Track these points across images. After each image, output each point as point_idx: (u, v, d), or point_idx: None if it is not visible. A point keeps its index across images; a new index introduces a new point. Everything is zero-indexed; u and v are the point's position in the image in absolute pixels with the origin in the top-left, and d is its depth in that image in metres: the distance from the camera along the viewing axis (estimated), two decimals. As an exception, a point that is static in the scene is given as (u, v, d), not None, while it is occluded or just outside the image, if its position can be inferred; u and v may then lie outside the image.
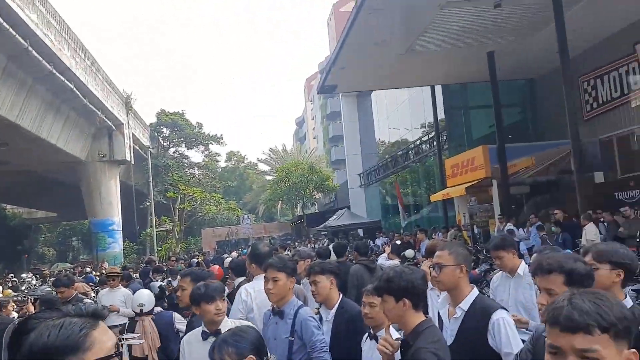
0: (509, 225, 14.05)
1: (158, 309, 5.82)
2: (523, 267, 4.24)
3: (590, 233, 10.99)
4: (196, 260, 17.97)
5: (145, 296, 5.60)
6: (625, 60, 15.03)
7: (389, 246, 9.55)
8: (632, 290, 6.67)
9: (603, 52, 15.80)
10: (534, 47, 15.41)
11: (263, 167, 54.67)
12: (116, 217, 34.57)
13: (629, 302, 2.51)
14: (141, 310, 5.46)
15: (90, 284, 13.05)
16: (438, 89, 21.49)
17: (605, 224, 11.42)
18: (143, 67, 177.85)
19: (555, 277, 2.35)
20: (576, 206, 12.68)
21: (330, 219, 31.58)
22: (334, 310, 3.77)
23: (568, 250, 8.13)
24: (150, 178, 36.82)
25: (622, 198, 12.70)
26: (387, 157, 31.72)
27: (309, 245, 25.96)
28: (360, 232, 30.33)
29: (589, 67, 16.37)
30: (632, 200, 12.36)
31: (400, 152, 28.72)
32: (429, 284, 3.13)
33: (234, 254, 19.76)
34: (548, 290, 2.34)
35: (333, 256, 7.72)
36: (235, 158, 65.53)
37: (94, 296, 10.44)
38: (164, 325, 5.41)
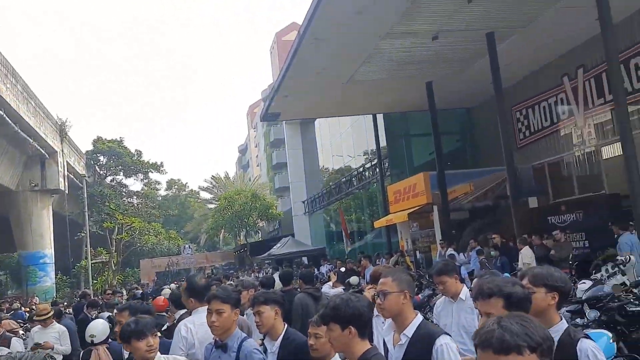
0: (450, 250, 14.34)
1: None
2: (465, 292, 4.30)
3: (527, 256, 11.38)
4: (140, 292, 17.34)
5: (100, 326, 5.33)
6: (554, 91, 15.87)
7: (334, 274, 9.51)
8: (566, 311, 6.90)
9: (534, 83, 16.65)
10: (470, 77, 16.04)
11: (205, 195, 53.84)
12: (48, 249, 32.92)
13: (563, 324, 2.58)
14: (92, 341, 5.19)
15: (19, 320, 12.26)
16: (380, 117, 21.96)
17: (534, 247, 11.84)
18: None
19: (495, 301, 2.41)
20: (512, 230, 13.12)
21: (274, 247, 31.28)
22: (278, 341, 3.66)
23: (507, 274, 8.38)
24: (86, 208, 35.39)
25: (554, 222, 13.23)
26: (330, 184, 31.94)
27: (252, 274, 25.58)
28: (305, 259, 30.16)
29: (521, 97, 17.19)
30: (564, 224, 12.89)
31: (344, 179, 29.00)
32: (374, 311, 3.11)
33: (173, 285, 19.17)
34: (488, 314, 2.39)
35: (278, 285, 7.60)
36: (176, 186, 64.24)
37: (22, 334, 9.80)
38: (115, 356, 5.17)
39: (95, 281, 36.18)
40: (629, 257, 9.27)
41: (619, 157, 11.98)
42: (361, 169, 26.42)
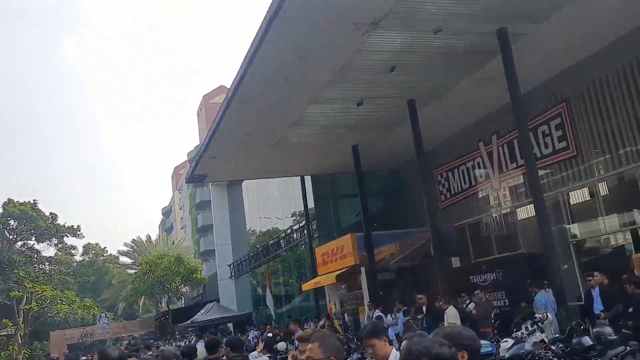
0: (377, 312, 14.33)
1: None
2: (394, 354, 4.24)
3: (452, 316, 11.54)
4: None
5: None
6: (471, 155, 16.77)
7: (262, 341, 9.20)
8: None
9: (453, 147, 17.53)
10: (394, 141, 16.68)
11: (125, 260, 51.38)
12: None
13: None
14: None
15: None
16: (308, 179, 22.18)
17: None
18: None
19: (424, 363, 2.40)
20: (437, 290, 13.37)
21: (198, 313, 30.04)
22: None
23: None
24: (-9, 275, 32.67)
25: (476, 281, 13.63)
26: (258, 246, 31.47)
27: (174, 343, 24.30)
28: (231, 325, 29.10)
29: (442, 160, 18.01)
30: (485, 283, 13.31)
31: (272, 241, 28.70)
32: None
33: (84, 358, 17.82)
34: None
35: (202, 353, 7.23)
36: (93, 251, 60.86)
37: None
38: None
39: (-3, 357, 32.96)
40: (547, 315, 9.64)
41: (532, 218, 12.69)
42: (289, 231, 26.29)
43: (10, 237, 44.51)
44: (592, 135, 12.72)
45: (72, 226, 47.40)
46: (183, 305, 44.38)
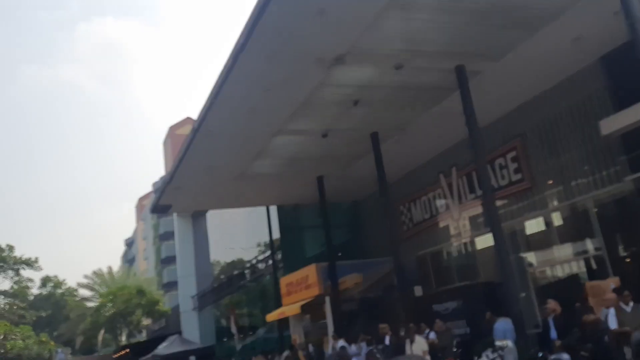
0: (341, 342, 14.34)
1: None
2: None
3: (420, 345, 11.68)
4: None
5: None
6: (432, 187, 17.19)
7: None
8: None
9: (415, 179, 17.93)
10: (358, 173, 16.97)
11: (84, 292, 49.85)
12: None
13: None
14: None
15: None
16: (273, 209, 22.22)
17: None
18: (109, 96, 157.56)
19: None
20: (400, 319, 13.51)
21: (160, 346, 29.27)
22: None
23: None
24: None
25: (438, 310, 13.85)
26: (222, 277, 31.09)
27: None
28: (193, 359, 28.44)
29: (404, 192, 18.37)
30: (447, 312, 13.54)
31: (236, 272, 28.42)
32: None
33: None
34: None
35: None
36: (51, 284, 58.87)
37: None
38: None
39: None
40: (507, 343, 9.88)
41: (491, 247, 13.05)
42: (254, 262, 26.13)
43: (-37, 269, 42.82)
44: (546, 168, 13.27)
45: (30, 258, 45.98)
46: (145, 339, 43.17)
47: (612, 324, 7.92)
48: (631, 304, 7.80)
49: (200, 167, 14.92)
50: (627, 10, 7.47)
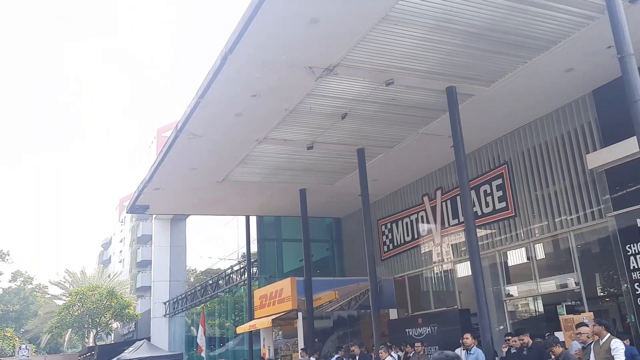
0: (312, 359, 14.01)
1: None
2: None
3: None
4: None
5: None
6: (415, 209, 17.04)
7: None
8: None
9: (398, 200, 17.80)
10: (341, 189, 16.79)
11: (55, 290, 48.74)
12: None
13: None
14: None
15: None
16: (253, 220, 21.89)
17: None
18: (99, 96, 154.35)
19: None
20: (372, 340, 13.22)
21: (126, 351, 28.59)
22: None
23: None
24: None
25: (412, 334, 13.59)
26: (197, 285, 30.58)
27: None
28: (159, 366, 27.77)
29: (386, 212, 18.21)
30: (420, 337, 13.29)
31: (211, 280, 27.95)
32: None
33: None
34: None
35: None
36: (21, 278, 57.59)
37: None
38: None
39: None
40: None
41: (470, 275, 12.86)
42: (229, 271, 25.71)
43: None
44: (531, 199, 13.17)
45: (1, 250, 44.98)
46: (112, 342, 42.24)
47: (591, 358, 7.79)
48: (604, 339, 7.66)
49: (182, 168, 14.59)
50: (618, 46, 7.41)
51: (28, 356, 38.75)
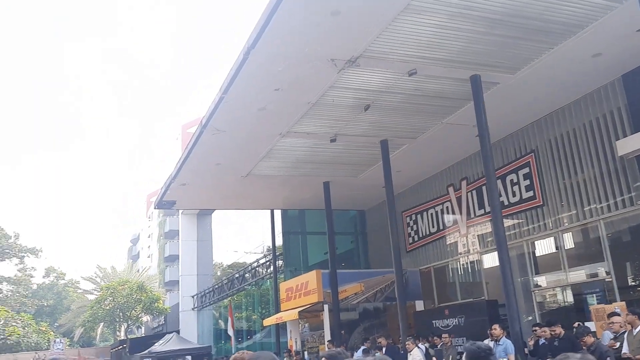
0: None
1: None
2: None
3: (416, 357, 11.47)
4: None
5: None
6: (440, 199, 16.91)
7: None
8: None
9: (423, 191, 17.68)
10: (365, 181, 16.74)
11: (86, 285, 49.86)
12: None
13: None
14: None
15: None
16: (277, 213, 22.02)
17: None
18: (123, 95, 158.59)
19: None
20: (399, 332, 13.21)
21: (156, 343, 29.12)
22: None
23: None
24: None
25: (438, 326, 13.53)
26: (223, 278, 30.93)
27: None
28: (189, 358, 28.24)
29: (411, 203, 18.10)
30: (447, 328, 13.22)
31: (237, 274, 28.23)
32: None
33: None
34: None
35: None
36: (54, 274, 59.03)
37: None
38: None
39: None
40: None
41: (498, 266, 12.73)
42: (255, 264, 25.92)
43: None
44: (559, 187, 12.95)
45: (35, 247, 46.17)
46: (142, 335, 43.06)
47: (624, 348, 7.67)
48: (638, 328, 7.53)
49: (207, 164, 14.74)
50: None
51: (62, 349, 39.87)
